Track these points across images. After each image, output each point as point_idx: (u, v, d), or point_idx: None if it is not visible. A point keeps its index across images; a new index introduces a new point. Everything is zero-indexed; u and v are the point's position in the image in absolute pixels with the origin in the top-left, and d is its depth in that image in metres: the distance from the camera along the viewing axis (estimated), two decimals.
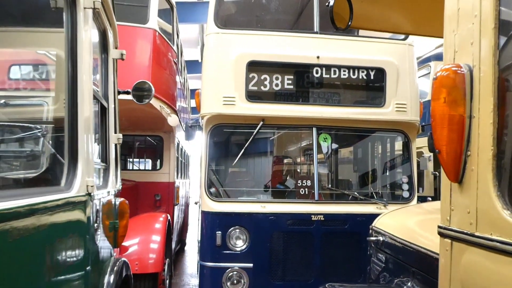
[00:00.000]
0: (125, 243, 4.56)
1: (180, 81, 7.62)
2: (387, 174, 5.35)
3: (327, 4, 3.00)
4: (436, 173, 8.06)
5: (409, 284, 2.00)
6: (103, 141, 2.36)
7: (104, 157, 2.35)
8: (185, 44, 10.56)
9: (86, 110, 1.83)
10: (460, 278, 1.29)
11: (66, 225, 1.64)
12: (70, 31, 1.78)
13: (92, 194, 1.84)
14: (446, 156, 1.37)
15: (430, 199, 7.35)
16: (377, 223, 2.78)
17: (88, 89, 1.87)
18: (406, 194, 4.92)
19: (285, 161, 5.65)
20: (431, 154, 7.92)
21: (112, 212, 2.27)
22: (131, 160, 7.02)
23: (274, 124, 4.84)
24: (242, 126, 4.80)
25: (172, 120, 5.22)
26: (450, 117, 1.32)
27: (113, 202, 2.34)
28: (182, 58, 8.41)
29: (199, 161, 4.98)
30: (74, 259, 1.70)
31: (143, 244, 4.65)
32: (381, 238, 2.50)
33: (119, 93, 2.95)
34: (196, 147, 12.95)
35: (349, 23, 2.71)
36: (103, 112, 2.38)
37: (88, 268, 1.84)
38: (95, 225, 1.96)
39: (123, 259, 2.40)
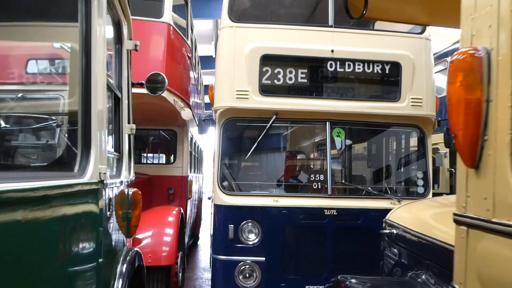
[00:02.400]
0: (138, 236, 4.60)
1: (194, 76, 7.64)
2: (402, 169, 5.28)
3: None
4: (452, 169, 7.93)
5: (423, 277, 1.96)
6: (116, 131, 2.37)
7: (118, 147, 2.36)
8: (199, 39, 10.59)
9: (100, 100, 1.84)
10: (476, 266, 1.26)
11: (79, 210, 1.65)
12: (84, 22, 1.79)
13: (104, 181, 1.85)
14: (462, 141, 1.33)
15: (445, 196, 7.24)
16: (390, 216, 2.74)
17: (101, 80, 1.88)
18: (421, 190, 4.85)
19: (298, 155, 5.62)
20: (447, 150, 7.81)
21: (125, 202, 2.29)
22: (145, 154, 7.07)
23: (288, 118, 4.81)
24: (255, 120, 4.79)
25: (186, 114, 5.23)
26: (467, 101, 1.29)
27: (126, 192, 2.35)
28: (196, 53, 8.44)
29: (212, 156, 4.99)
30: (87, 245, 1.71)
31: (156, 236, 4.68)
32: (394, 231, 2.46)
33: (133, 85, 2.96)
34: (209, 142, 13.03)
35: (364, 12, 2.67)
36: (116, 102, 2.40)
37: (100, 255, 1.85)
38: (108, 213, 1.97)
39: (136, 249, 2.42)
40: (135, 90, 4.95)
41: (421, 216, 2.44)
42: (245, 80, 4.57)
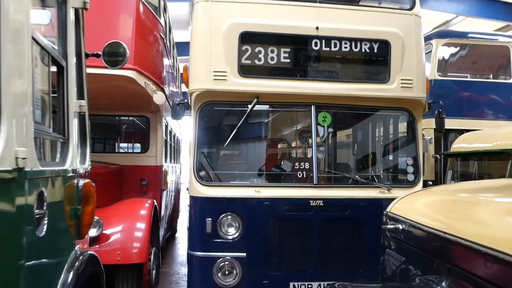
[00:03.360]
0: (106, 231, 4.18)
1: (169, 61, 7.17)
2: (391, 156, 4.99)
3: None
4: (437, 156, 7.75)
5: (443, 284, 1.63)
6: (59, 108, 1.93)
7: (61, 128, 1.92)
8: (175, 25, 10.04)
9: (17, 56, 1.37)
10: None
11: None
12: None
13: (26, 169, 1.43)
14: None
15: (430, 183, 7.05)
16: (392, 208, 2.40)
17: (24, 28, 1.41)
18: (411, 178, 4.57)
19: (281, 142, 5.27)
20: (432, 136, 7.62)
21: (73, 196, 1.87)
22: (115, 142, 6.59)
23: (270, 102, 4.44)
24: (234, 104, 4.41)
25: (158, 97, 4.79)
26: None
27: (75, 184, 1.92)
28: (171, 36, 7.94)
29: (189, 144, 4.58)
30: None
31: (126, 232, 4.27)
32: (400, 226, 2.12)
33: (87, 56, 2.51)
34: (187, 131, 12.56)
35: None
36: (60, 73, 1.95)
37: (21, 268, 1.42)
38: (38, 211, 1.53)
39: (89, 252, 2.01)
40: (100, 71, 4.51)
41: (437, 208, 2.10)
42: (223, 60, 4.17)
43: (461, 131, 7.66)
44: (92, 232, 3.98)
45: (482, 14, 13.41)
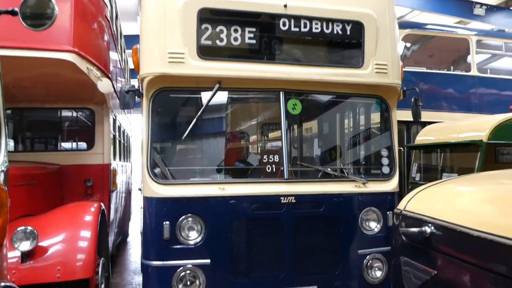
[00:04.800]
0: (43, 243, 3.50)
1: (116, 48, 6.47)
2: (365, 147, 4.66)
3: None
4: (401, 148, 7.59)
5: None
6: None
7: None
8: (123, 17, 9.31)
9: None
10: None
11: None
12: None
13: None
14: None
15: None
16: (408, 206, 1.93)
17: None
18: (386, 170, 4.26)
19: (247, 134, 4.78)
20: None
21: None
22: (53, 139, 5.80)
23: (233, 88, 3.94)
24: (193, 91, 3.88)
25: (103, 85, 4.15)
26: None
27: None
28: (118, 22, 7.23)
29: (141, 137, 3.99)
30: None
31: (67, 242, 3.61)
32: (427, 230, 1.68)
33: None
34: (137, 128, 11.79)
35: None
36: None
37: None
38: None
39: (3, 284, 1.43)
40: (32, 53, 3.82)
41: (489, 206, 1.64)
42: (180, 40, 3.63)
43: (423, 123, 7.54)
44: (24, 246, 3.32)
45: (437, 9, 13.66)
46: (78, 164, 5.14)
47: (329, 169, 4.18)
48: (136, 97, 3.83)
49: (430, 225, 1.68)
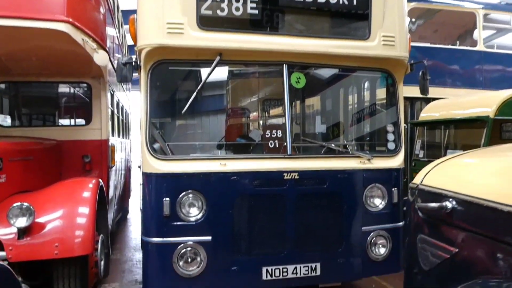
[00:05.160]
0: (40, 219, 3.43)
1: (113, 21, 6.27)
2: (370, 122, 4.54)
3: None
4: (404, 125, 7.48)
5: None
6: None
7: None
8: None
9: None
10: None
11: None
12: None
13: None
14: None
15: None
16: (426, 180, 1.82)
17: None
18: (391, 146, 4.15)
19: (249, 108, 4.64)
20: None
21: None
22: (51, 114, 5.66)
23: (235, 61, 3.80)
24: (193, 63, 3.73)
25: (100, 57, 3.99)
26: None
27: None
28: None
29: (139, 112, 3.87)
30: None
31: (65, 219, 3.53)
32: (449, 205, 1.58)
33: None
34: (137, 105, 11.63)
35: None
36: None
37: None
38: None
39: None
40: (23, 23, 3.66)
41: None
42: (178, 10, 3.47)
43: (427, 100, 7.39)
44: (21, 223, 3.24)
45: None
46: (75, 140, 5.02)
47: (333, 145, 4.07)
48: (134, 70, 3.69)
49: (451, 199, 1.57)
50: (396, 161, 4.08)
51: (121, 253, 6.25)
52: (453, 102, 6.58)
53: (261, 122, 4.71)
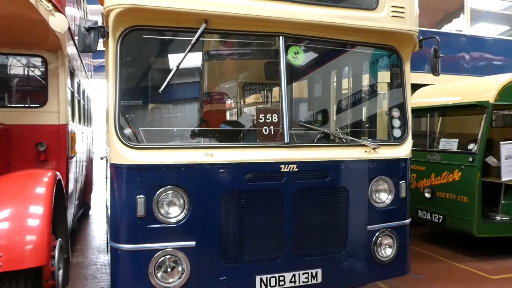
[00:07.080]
0: None
1: None
2: (373, 107, 4.06)
3: None
4: None
5: None
6: None
7: None
8: None
9: None
10: None
11: None
12: None
13: None
14: None
15: None
16: None
17: None
18: (397, 133, 3.69)
19: (238, 88, 4.03)
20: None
21: None
22: None
23: (223, 30, 3.17)
24: (173, 31, 3.09)
25: (57, 21, 3.26)
26: None
27: None
28: None
29: (106, 91, 3.19)
30: None
31: (13, 221, 2.82)
32: None
33: None
34: (99, 91, 10.77)
35: None
36: None
37: None
38: None
39: None
40: None
41: None
42: None
43: (413, 86, 7.03)
44: None
45: None
46: (28, 124, 4.24)
47: (338, 130, 3.55)
48: (100, 37, 3.00)
49: None
50: (404, 151, 3.62)
51: (83, 255, 5.54)
52: (445, 88, 6.23)
53: (253, 103, 4.11)
